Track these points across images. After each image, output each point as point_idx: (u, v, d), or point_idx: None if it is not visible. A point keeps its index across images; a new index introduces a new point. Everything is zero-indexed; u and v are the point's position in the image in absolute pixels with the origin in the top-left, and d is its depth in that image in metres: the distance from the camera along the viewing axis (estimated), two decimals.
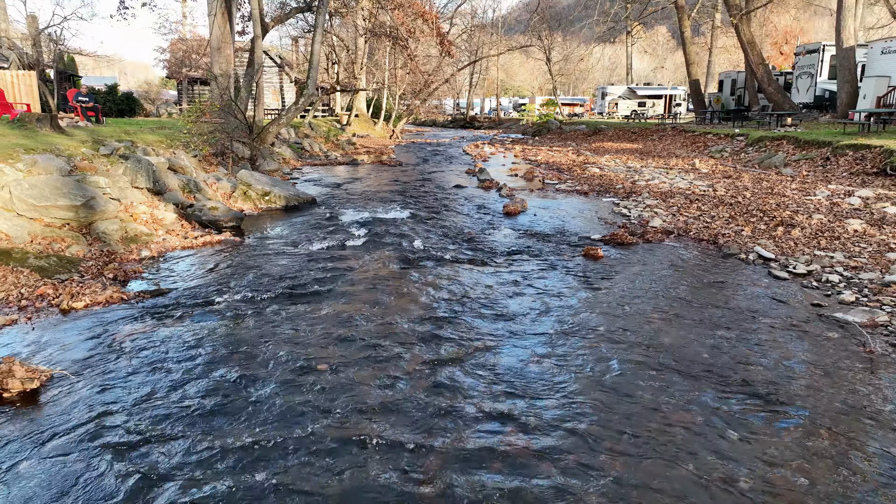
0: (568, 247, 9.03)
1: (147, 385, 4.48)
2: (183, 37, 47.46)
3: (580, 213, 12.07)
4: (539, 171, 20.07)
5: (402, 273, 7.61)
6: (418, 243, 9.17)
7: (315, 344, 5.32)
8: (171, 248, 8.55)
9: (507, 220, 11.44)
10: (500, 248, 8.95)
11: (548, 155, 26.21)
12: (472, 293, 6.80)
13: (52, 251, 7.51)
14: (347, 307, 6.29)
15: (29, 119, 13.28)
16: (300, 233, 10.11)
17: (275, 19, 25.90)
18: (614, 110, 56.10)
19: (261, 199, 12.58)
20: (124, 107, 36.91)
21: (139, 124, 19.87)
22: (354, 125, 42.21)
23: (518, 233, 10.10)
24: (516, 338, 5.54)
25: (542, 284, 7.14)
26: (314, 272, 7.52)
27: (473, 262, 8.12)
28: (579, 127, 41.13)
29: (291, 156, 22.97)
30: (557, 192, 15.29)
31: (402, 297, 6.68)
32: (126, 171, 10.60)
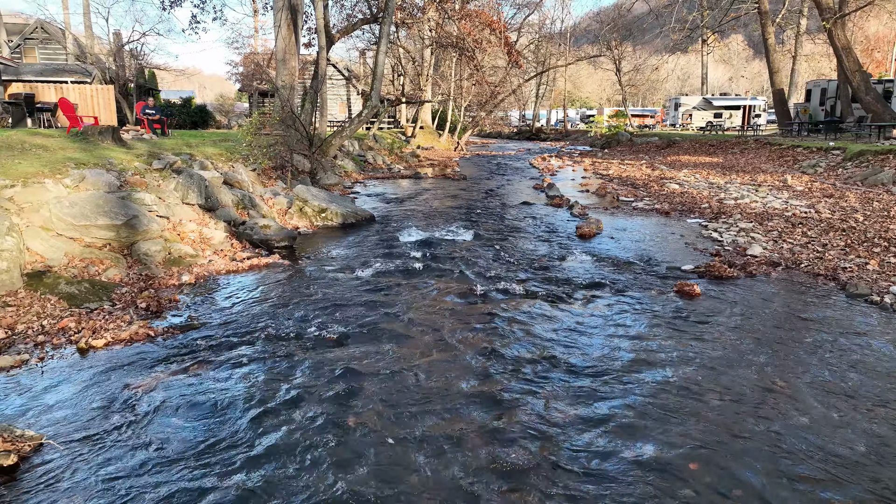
0: (656, 279, 7.84)
1: (152, 460, 3.67)
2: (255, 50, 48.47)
3: (664, 237, 10.79)
4: (612, 186, 18.76)
5: (464, 310, 6.64)
6: (483, 272, 8.19)
7: (361, 404, 4.41)
8: (215, 271, 7.89)
9: (582, 243, 10.30)
10: (577, 279, 7.85)
11: (620, 169, 24.78)
12: (547, 339, 5.75)
13: (87, 275, 6.95)
14: (400, 354, 5.37)
15: (92, 132, 13.14)
16: (355, 255, 9.32)
17: (341, 31, 25.64)
18: (688, 122, 53.67)
19: (317, 216, 11.92)
20: (197, 119, 37.73)
21: (204, 136, 19.80)
22: (419, 137, 41.78)
23: (595, 260, 8.97)
24: (603, 405, 4.46)
25: (631, 330, 6.00)
26: (366, 307, 6.65)
27: (547, 297, 7.06)
28: (651, 139, 39.28)
29: (353, 169, 22.49)
30: (634, 210, 14.00)
31: (463, 341, 5.70)
32: (177, 186, 10.11)
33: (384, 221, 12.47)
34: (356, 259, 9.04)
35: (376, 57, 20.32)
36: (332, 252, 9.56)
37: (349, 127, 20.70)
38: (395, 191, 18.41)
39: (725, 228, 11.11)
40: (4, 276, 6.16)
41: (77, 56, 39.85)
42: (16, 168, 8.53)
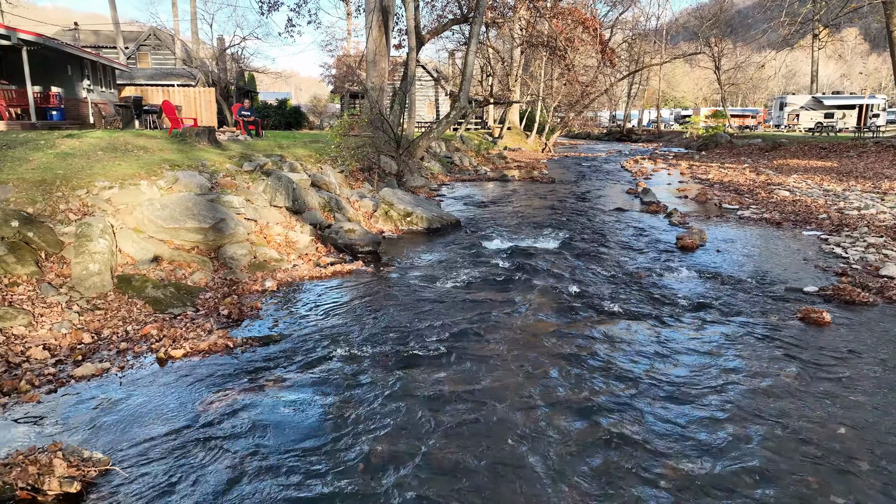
0: (774, 302, 6.98)
1: (221, 491, 3.40)
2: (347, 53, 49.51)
3: (777, 252, 9.77)
4: (713, 192, 17.52)
5: (555, 330, 6.10)
6: (575, 285, 7.60)
7: (444, 436, 4.00)
8: (299, 277, 7.74)
9: (683, 256, 9.47)
10: (681, 297, 7.11)
11: (720, 173, 23.24)
12: (649, 371, 5.13)
13: (173, 278, 6.95)
14: (487, 378, 4.92)
15: (189, 133, 13.52)
16: (440, 263, 8.96)
17: (431, 32, 25.53)
18: (794, 122, 50.19)
19: (402, 220, 11.68)
20: (291, 120, 38.89)
21: (295, 138, 20.16)
22: (506, 138, 41.23)
23: (700, 276, 8.16)
24: (720, 463, 3.82)
25: (750, 365, 5.27)
26: (450, 322, 6.24)
27: (646, 318, 6.40)
28: (754, 141, 36.80)
29: (440, 170, 22.27)
30: (740, 220, 12.89)
31: (555, 367, 5.17)
32: (266, 188, 10.13)
33: (470, 227, 12.06)
34: (441, 267, 8.67)
35: (465, 57, 19.98)
36: (417, 259, 9.25)
37: (437, 128, 20.48)
38: (481, 194, 18.00)
39: (850, 243, 9.92)
40: (96, 278, 6.21)
41: (184, 60, 42.07)
42: (116, 169, 8.75)
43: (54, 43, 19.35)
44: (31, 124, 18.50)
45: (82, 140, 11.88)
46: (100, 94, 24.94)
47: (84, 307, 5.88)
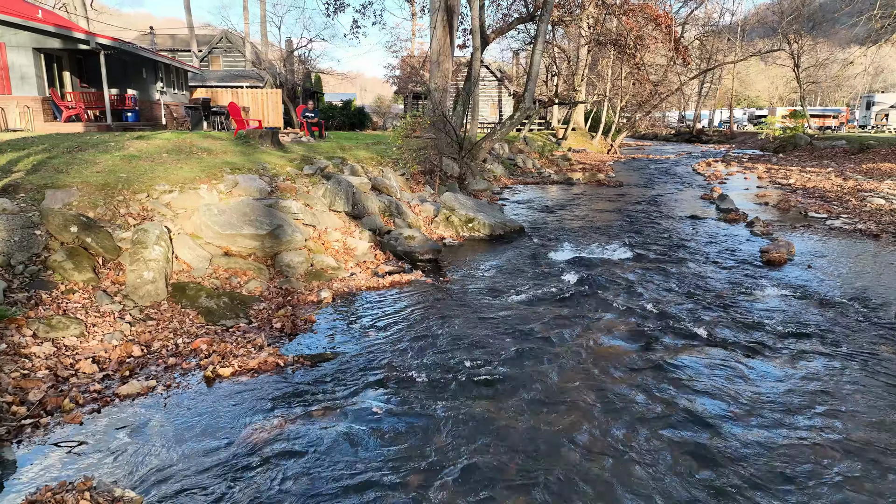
0: (880, 330, 6.17)
1: None
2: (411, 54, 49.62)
3: (879, 268, 8.81)
4: (796, 199, 16.31)
5: (629, 357, 5.53)
6: (650, 304, 6.98)
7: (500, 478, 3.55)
8: (356, 287, 7.43)
9: (770, 271, 8.66)
10: (772, 322, 6.39)
11: (802, 177, 21.76)
12: (737, 414, 4.51)
13: (228, 287, 6.75)
14: (552, 412, 4.43)
15: (253, 135, 13.53)
16: (502, 275, 8.48)
17: (495, 31, 25.05)
18: (883, 123, 46.99)
19: (463, 227, 11.26)
20: (355, 120, 39.21)
21: (358, 139, 20.08)
22: (570, 139, 40.26)
23: (792, 296, 7.38)
24: None
25: (862, 411, 4.57)
26: (514, 344, 5.77)
27: (733, 346, 5.74)
28: (837, 143, 34.48)
29: (503, 173, 21.76)
30: (830, 230, 11.84)
31: (629, 402, 4.63)
32: (325, 192, 9.91)
33: (534, 234, 11.53)
34: (504, 279, 8.20)
35: (531, 57, 19.40)
36: (479, 269, 8.80)
37: (500, 130, 19.98)
38: (545, 198, 17.39)
39: None
40: (150, 287, 6.06)
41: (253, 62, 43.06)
42: (177, 173, 8.70)
43: (129, 47, 19.94)
44: (106, 126, 19.12)
45: (150, 142, 12.03)
46: (172, 95, 25.68)
47: (136, 317, 5.73)
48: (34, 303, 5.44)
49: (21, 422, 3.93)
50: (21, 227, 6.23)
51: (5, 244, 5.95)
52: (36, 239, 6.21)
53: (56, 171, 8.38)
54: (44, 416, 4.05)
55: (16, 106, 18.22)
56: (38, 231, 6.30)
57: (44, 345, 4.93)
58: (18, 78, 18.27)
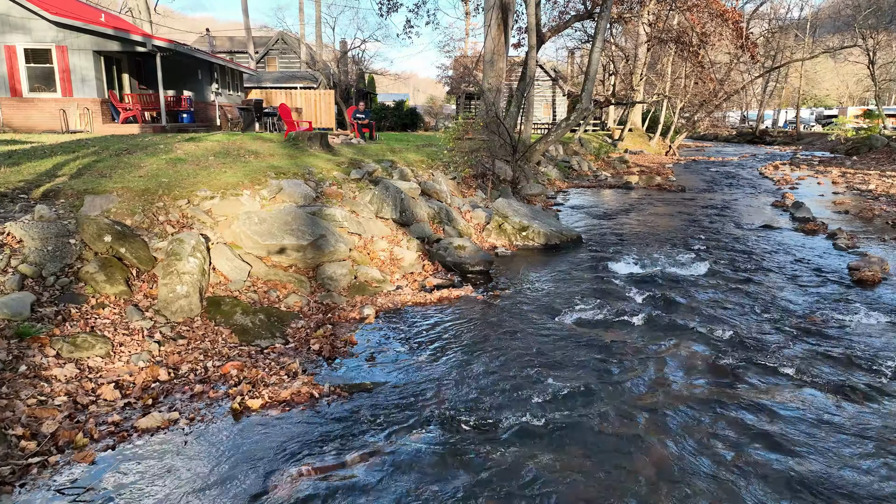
0: None
1: None
2: (464, 53, 49.14)
3: None
4: (880, 206, 14.99)
5: (707, 397, 4.82)
6: (728, 330, 6.22)
7: None
8: (401, 303, 6.92)
9: (862, 292, 7.72)
10: (873, 356, 5.55)
11: (884, 182, 20.19)
12: (846, 479, 3.76)
13: (266, 301, 6.34)
14: (617, 468, 3.79)
15: (301, 137, 13.25)
16: (559, 290, 7.83)
17: (551, 30, 24.24)
18: None
19: (517, 235, 10.63)
20: (407, 121, 38.97)
21: (409, 141, 19.67)
22: (627, 140, 38.96)
23: (892, 322, 6.48)
24: None
25: None
26: (572, 375, 5.14)
27: (834, 387, 4.95)
28: None
29: (557, 176, 20.97)
30: None
31: (708, 459, 3.94)
32: (372, 199, 9.46)
33: (592, 243, 10.80)
34: (560, 296, 7.55)
35: (590, 55, 18.57)
36: (533, 284, 8.17)
37: (555, 131, 19.22)
38: (602, 203, 16.55)
39: None
40: (183, 301, 5.70)
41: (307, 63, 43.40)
42: (220, 177, 8.39)
43: (184, 48, 20.08)
44: (161, 127, 19.30)
45: (199, 144, 11.86)
46: (227, 97, 25.90)
47: (167, 335, 5.36)
48: (61, 318, 5.13)
49: (28, 460, 3.56)
50: (56, 235, 5.97)
51: (38, 254, 5.68)
52: (70, 248, 5.93)
53: (99, 175, 8.19)
54: (54, 454, 3.67)
55: (76, 108, 18.56)
56: (72, 240, 6.03)
57: (66, 366, 4.59)
58: (79, 80, 18.61)
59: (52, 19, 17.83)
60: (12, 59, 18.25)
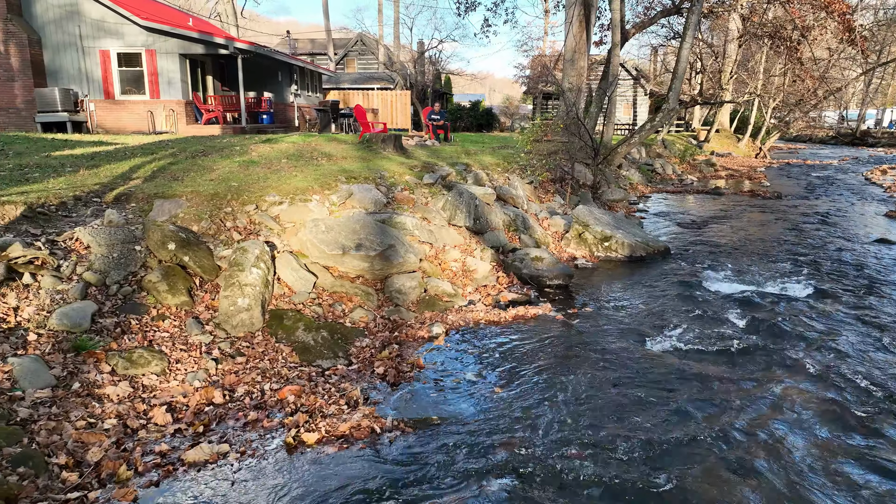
0: None
1: None
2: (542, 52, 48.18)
3: None
4: None
5: (839, 457, 4.05)
6: (848, 367, 5.35)
7: None
8: (473, 321, 6.42)
9: None
10: None
11: None
12: None
13: (331, 316, 5.99)
14: None
15: (375, 139, 12.99)
16: (646, 310, 7.11)
17: (636, 26, 23.11)
18: None
19: (598, 246, 9.91)
20: (483, 122, 38.52)
21: (485, 143, 19.15)
22: (713, 142, 36.96)
23: None
24: None
25: None
26: (663, 419, 4.48)
27: None
28: None
29: (640, 180, 19.90)
30: None
31: None
32: (445, 205, 9.00)
33: (681, 256, 9.93)
34: (648, 317, 6.83)
35: (679, 52, 17.46)
36: (617, 302, 7.47)
37: (639, 133, 18.20)
38: (689, 210, 15.47)
39: None
40: (244, 315, 5.41)
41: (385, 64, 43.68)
42: (290, 182, 8.16)
43: (264, 50, 20.36)
44: (241, 128, 19.63)
45: (274, 146, 11.79)
46: (306, 98, 26.22)
47: (225, 352, 5.07)
48: (120, 330, 4.93)
49: (67, 495, 3.29)
50: (122, 241, 5.83)
51: (103, 261, 5.54)
52: (135, 255, 5.77)
53: (172, 178, 8.12)
54: (94, 488, 3.39)
55: (162, 109, 19.15)
56: (138, 247, 5.87)
57: (120, 384, 4.36)
58: (166, 82, 19.18)
59: (142, 24, 18.45)
60: (106, 63, 19.01)
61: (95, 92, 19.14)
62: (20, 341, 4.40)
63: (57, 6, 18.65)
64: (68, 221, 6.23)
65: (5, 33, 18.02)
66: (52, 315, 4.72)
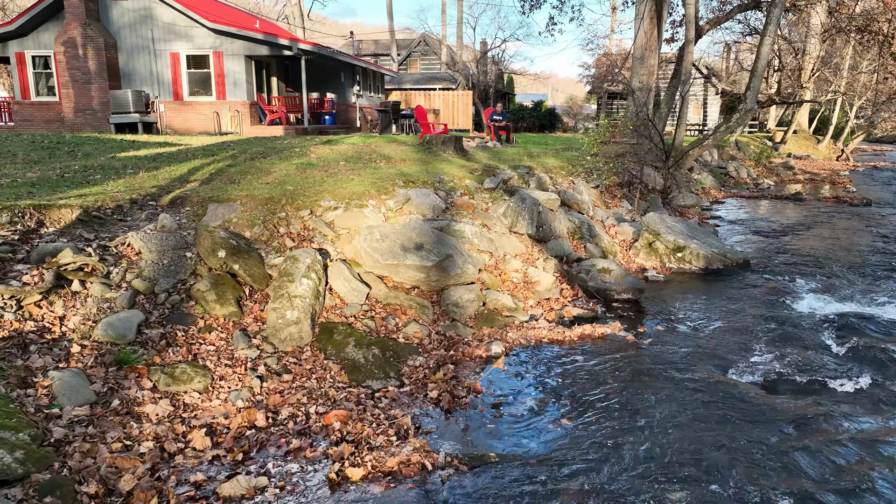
0: None
1: None
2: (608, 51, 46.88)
3: None
4: None
5: None
6: None
7: None
8: (535, 339, 5.95)
9: None
10: None
11: None
12: None
13: (383, 330, 5.65)
14: None
15: (435, 141, 12.66)
16: (727, 332, 6.46)
17: (710, 22, 21.96)
18: None
19: (670, 256, 9.24)
20: (545, 122, 37.75)
21: (548, 144, 18.56)
22: (790, 143, 35.00)
23: None
24: None
25: None
26: (756, 471, 3.90)
27: None
28: None
29: (712, 184, 18.85)
30: None
31: None
32: (507, 211, 8.55)
33: (763, 269, 9.13)
34: (730, 341, 6.18)
35: (757, 49, 16.38)
36: (693, 321, 6.84)
37: (714, 134, 17.18)
38: (768, 217, 14.44)
39: None
40: (293, 329, 5.13)
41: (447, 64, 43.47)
42: (346, 186, 7.89)
43: (327, 51, 20.38)
44: (303, 129, 19.70)
45: (333, 148, 11.63)
46: (368, 98, 26.23)
47: (271, 368, 4.80)
48: (165, 342, 4.73)
49: None
50: (173, 248, 5.67)
51: (153, 268, 5.38)
52: (185, 263, 5.60)
53: (228, 181, 8.00)
54: None
55: (228, 110, 19.44)
56: (189, 253, 5.70)
57: (160, 403, 4.14)
58: (232, 84, 19.47)
59: (210, 26, 18.77)
60: (176, 66, 19.45)
61: (165, 93, 19.62)
62: (63, 353, 4.24)
63: (132, 11, 19.21)
64: (122, 226, 6.13)
65: (84, 38, 18.67)
66: (98, 325, 4.56)
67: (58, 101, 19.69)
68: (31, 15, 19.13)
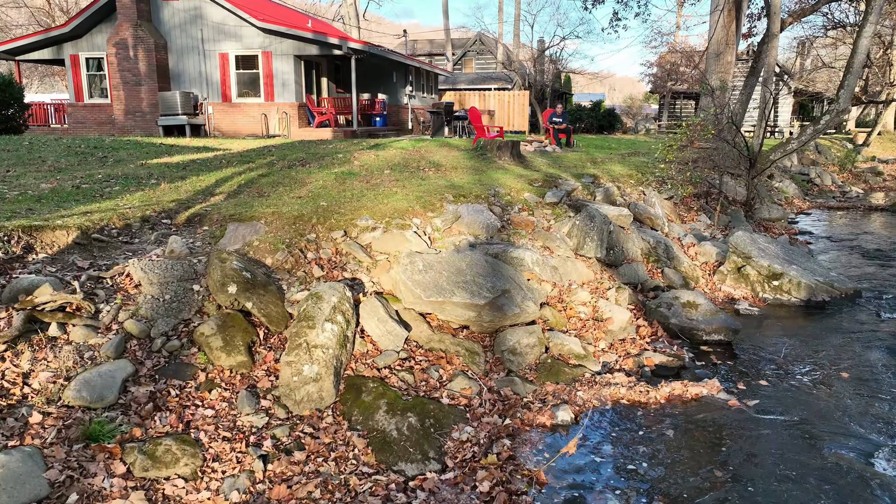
0: None
1: None
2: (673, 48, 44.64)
3: None
4: None
5: None
6: None
7: None
8: (611, 400, 4.79)
9: None
10: None
11: None
12: None
13: (423, 387, 4.60)
14: None
15: (490, 146, 11.58)
16: (849, 390, 5.13)
17: (793, 14, 20.12)
18: None
19: (764, 285, 7.86)
20: (604, 123, 36.11)
21: (611, 148, 17.18)
22: (874, 146, 32.21)
23: None
24: None
25: None
26: None
27: None
28: None
29: (795, 193, 17.06)
30: None
31: None
32: (572, 230, 7.39)
33: (877, 302, 7.66)
34: (853, 404, 4.86)
35: (855, 43, 14.56)
36: (806, 375, 5.52)
37: (799, 138, 15.43)
38: (867, 231, 12.72)
39: None
40: (311, 388, 4.14)
41: (503, 64, 42.23)
42: (388, 200, 6.90)
43: (378, 50, 19.55)
44: (352, 131, 18.93)
45: (380, 153, 10.71)
46: (421, 99, 25.33)
47: (280, 443, 3.82)
48: (153, 406, 3.82)
49: None
50: (178, 279, 4.78)
51: (152, 305, 4.49)
52: (191, 298, 4.70)
53: (257, 194, 7.13)
54: None
55: (276, 112, 18.85)
56: (196, 286, 4.80)
57: (132, 496, 3.21)
58: (280, 85, 18.87)
59: (259, 26, 18.20)
60: (225, 66, 19.00)
61: (214, 95, 19.19)
62: (18, 425, 3.37)
63: (182, 10, 18.85)
64: (126, 249, 5.30)
65: (135, 39, 18.41)
66: (70, 384, 3.68)
67: (109, 104, 19.53)
68: (85, 16, 19.01)
